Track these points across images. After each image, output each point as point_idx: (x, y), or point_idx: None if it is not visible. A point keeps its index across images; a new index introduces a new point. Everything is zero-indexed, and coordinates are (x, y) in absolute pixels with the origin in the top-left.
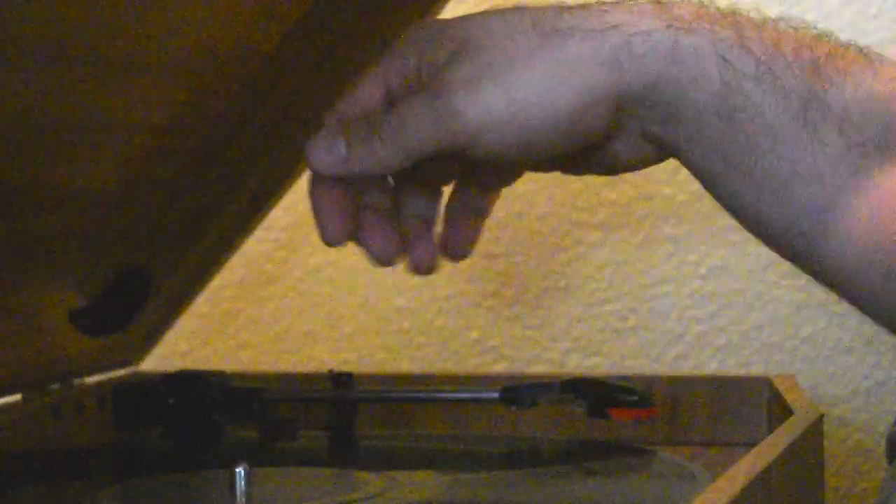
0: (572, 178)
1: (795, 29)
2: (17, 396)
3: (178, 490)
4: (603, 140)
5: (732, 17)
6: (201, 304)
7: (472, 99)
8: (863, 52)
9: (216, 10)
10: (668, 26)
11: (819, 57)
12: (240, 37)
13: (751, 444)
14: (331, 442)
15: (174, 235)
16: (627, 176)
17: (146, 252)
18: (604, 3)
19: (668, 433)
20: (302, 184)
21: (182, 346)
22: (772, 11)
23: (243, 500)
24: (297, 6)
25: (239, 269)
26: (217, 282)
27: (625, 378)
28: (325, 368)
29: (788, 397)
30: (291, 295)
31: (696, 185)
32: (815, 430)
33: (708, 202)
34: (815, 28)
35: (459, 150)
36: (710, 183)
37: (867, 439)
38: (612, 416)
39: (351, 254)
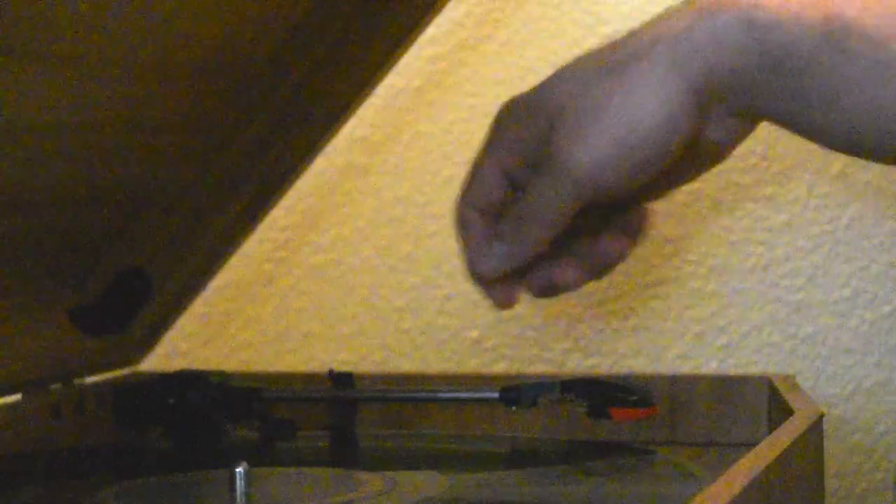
0: None
1: None
2: (17, 396)
3: (178, 490)
4: (697, 136)
5: None
6: (201, 304)
7: (581, 150)
8: None
9: (216, 9)
10: (700, 15)
11: None
12: (240, 37)
13: (751, 444)
14: (331, 442)
15: (174, 235)
16: None
17: (146, 252)
18: (645, 22)
19: (668, 433)
20: (302, 184)
21: (182, 346)
22: None
23: (243, 500)
24: (297, 6)
25: (239, 269)
26: (217, 282)
27: (625, 378)
28: (325, 368)
29: (788, 397)
30: (291, 295)
31: (695, 185)
32: (815, 430)
33: (708, 202)
34: None
35: (592, 201)
36: (790, 124)
37: (867, 439)
38: (612, 417)
39: (351, 254)
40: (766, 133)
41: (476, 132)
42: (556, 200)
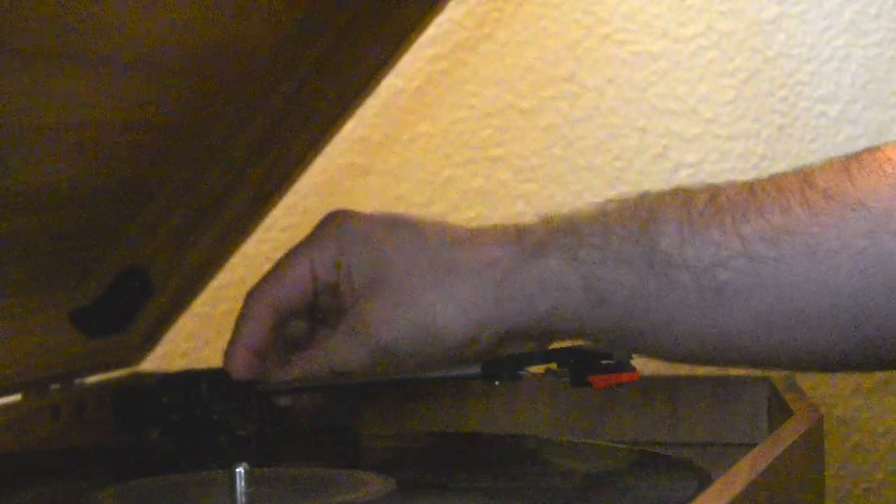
0: (573, 177)
1: (621, 203)
2: (17, 396)
3: (178, 490)
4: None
5: (571, 223)
6: (201, 304)
7: (386, 330)
8: (679, 191)
9: (216, 9)
10: (531, 254)
11: (644, 221)
12: (240, 37)
13: (751, 444)
14: (331, 441)
15: (174, 235)
16: (628, 176)
17: (146, 252)
18: (482, 234)
19: (668, 433)
20: (302, 184)
21: (182, 346)
22: (772, 12)
23: (243, 500)
24: (298, 6)
25: (239, 269)
26: (217, 282)
27: (608, 344)
28: None
29: (788, 397)
30: None
31: None
32: (815, 430)
33: None
34: (635, 195)
35: (386, 367)
36: (644, 351)
37: (867, 439)
38: (593, 384)
39: None
40: (765, 133)
41: (476, 132)
42: (350, 358)
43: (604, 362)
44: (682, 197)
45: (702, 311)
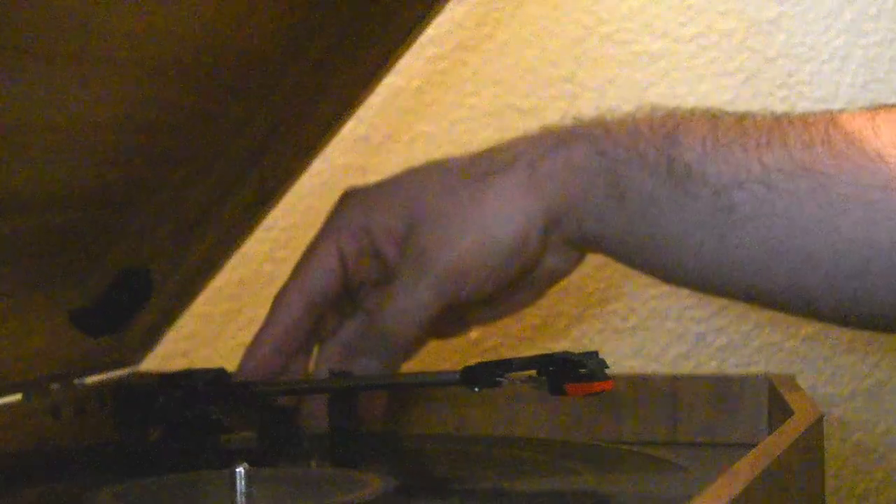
0: None
1: (651, 111)
2: (17, 396)
3: (178, 490)
4: (540, 259)
5: (599, 119)
6: (201, 304)
7: (447, 252)
8: (708, 111)
9: (216, 9)
10: (557, 144)
11: (670, 129)
12: (239, 37)
13: (751, 444)
14: (331, 441)
15: (174, 235)
16: None
17: (146, 252)
18: (501, 143)
19: (668, 433)
20: (302, 184)
21: (182, 346)
22: (772, 12)
23: (243, 499)
24: (297, 6)
25: (239, 269)
26: (217, 282)
27: (589, 354)
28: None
29: (788, 397)
30: None
31: None
32: (815, 430)
33: None
34: (666, 107)
35: (453, 303)
36: (628, 258)
37: (867, 439)
38: (568, 393)
39: None
40: None
41: (476, 132)
42: (423, 298)
43: (582, 371)
44: (710, 116)
45: (713, 230)
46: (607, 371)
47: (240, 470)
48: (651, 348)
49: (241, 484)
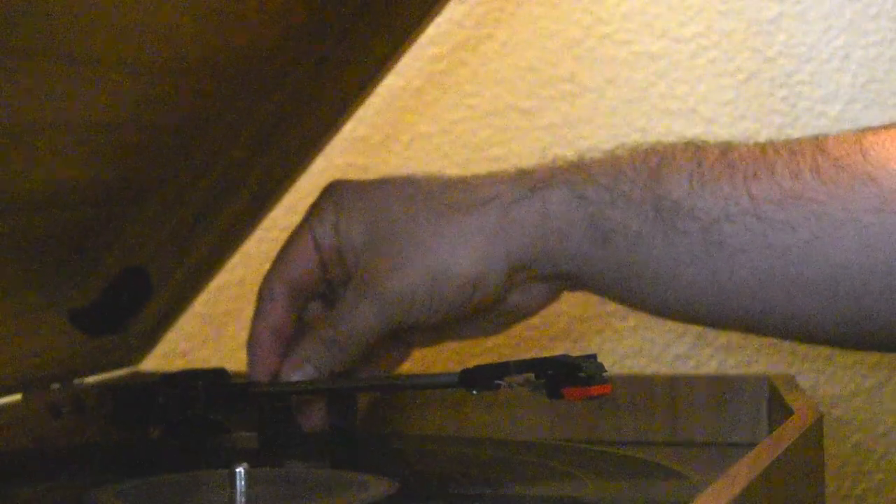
0: None
1: (632, 149)
2: (17, 396)
3: (178, 490)
4: (503, 296)
5: (578, 161)
6: (201, 304)
7: (396, 279)
8: (691, 144)
9: (216, 9)
10: (533, 189)
11: (654, 167)
12: (240, 37)
13: (751, 444)
14: (331, 442)
15: (174, 235)
16: None
17: (146, 252)
18: (478, 177)
19: (668, 433)
20: (302, 184)
21: (182, 346)
22: (772, 12)
23: (243, 499)
24: (298, 6)
25: (239, 269)
26: (217, 282)
27: (586, 357)
28: None
29: (788, 397)
30: None
31: None
32: (815, 430)
33: None
34: (647, 144)
35: (398, 327)
36: (612, 294)
37: (867, 439)
38: (566, 397)
39: None
40: (765, 133)
41: (476, 132)
42: (364, 320)
43: (580, 375)
44: (694, 149)
45: (704, 265)
46: (606, 375)
47: (240, 470)
48: (651, 348)
49: (241, 484)
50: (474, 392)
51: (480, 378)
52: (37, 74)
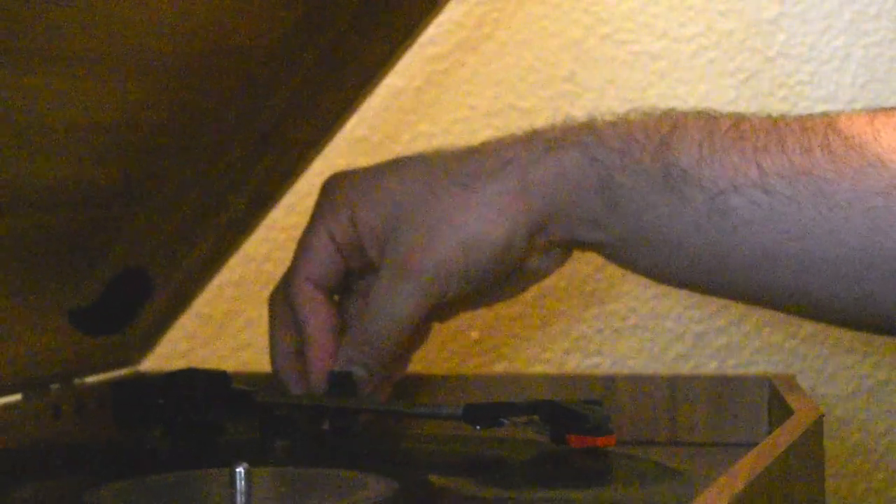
0: None
1: (644, 114)
2: (17, 396)
3: (178, 489)
4: (523, 260)
5: (590, 124)
6: (201, 304)
7: (430, 257)
8: (703, 113)
9: (216, 9)
10: (547, 149)
11: (665, 134)
12: (239, 37)
13: (751, 444)
14: (331, 442)
15: (174, 235)
16: None
17: (146, 252)
18: (488, 143)
19: (668, 433)
20: (302, 184)
21: (182, 346)
22: (772, 12)
23: (243, 499)
24: (298, 6)
25: (239, 269)
26: (217, 282)
27: (595, 402)
28: None
29: (788, 397)
30: None
31: None
32: (815, 430)
33: None
34: (659, 110)
35: (436, 304)
36: (622, 260)
37: (867, 439)
38: (570, 443)
39: None
40: None
41: (476, 132)
42: (405, 303)
43: (582, 425)
44: (706, 118)
45: (710, 235)
46: (612, 426)
47: (240, 470)
48: (651, 348)
49: (241, 484)
50: (478, 428)
51: (485, 415)
52: (37, 74)
